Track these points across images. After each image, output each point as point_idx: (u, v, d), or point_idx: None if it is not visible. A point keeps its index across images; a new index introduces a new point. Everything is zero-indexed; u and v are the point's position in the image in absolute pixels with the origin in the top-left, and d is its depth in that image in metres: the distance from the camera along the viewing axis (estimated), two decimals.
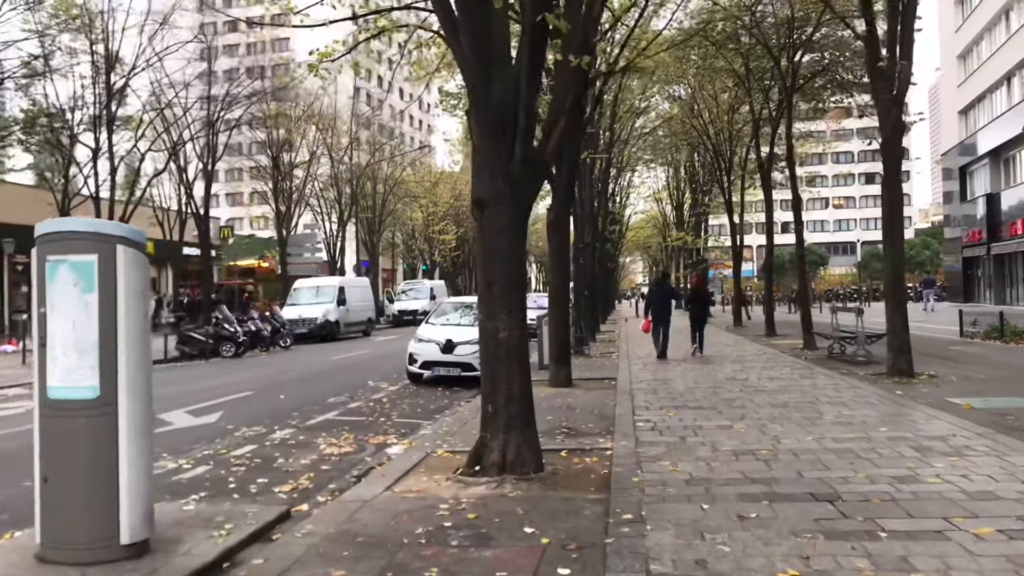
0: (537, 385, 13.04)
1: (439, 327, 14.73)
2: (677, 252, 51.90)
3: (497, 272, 6.50)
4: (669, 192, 47.38)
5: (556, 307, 12.51)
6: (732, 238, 29.86)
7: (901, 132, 11.89)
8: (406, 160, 45.14)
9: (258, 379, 15.49)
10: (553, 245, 12.47)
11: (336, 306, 28.83)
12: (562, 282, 12.53)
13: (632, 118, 31.02)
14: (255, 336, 23.48)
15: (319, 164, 41.52)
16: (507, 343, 6.50)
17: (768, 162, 23.09)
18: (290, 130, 36.27)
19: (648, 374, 13.74)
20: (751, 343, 20.69)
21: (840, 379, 12.01)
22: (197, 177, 27.53)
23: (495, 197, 6.44)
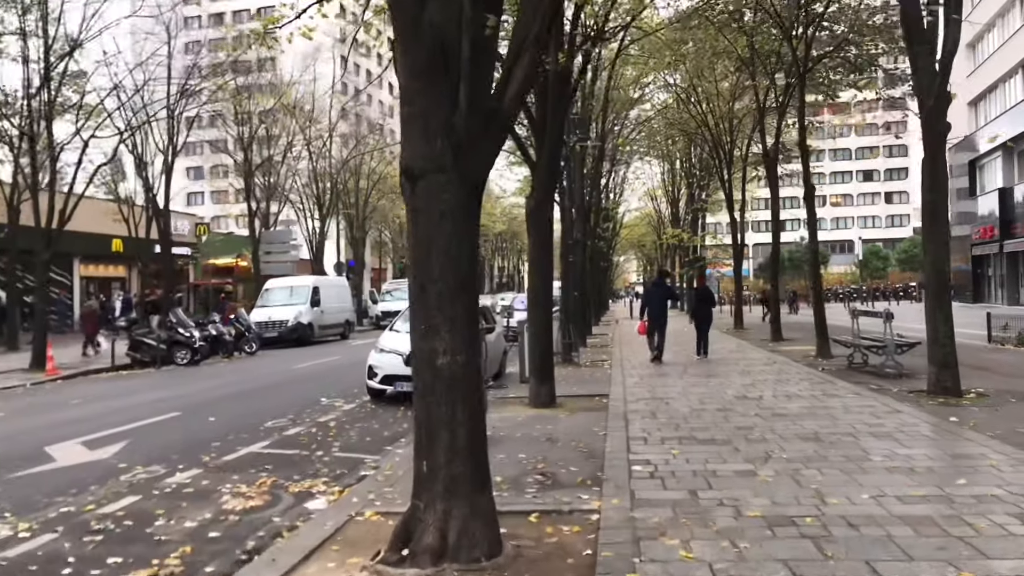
0: (515, 405, 11.30)
1: (404, 335, 12.78)
2: (672, 250, 50.07)
3: (435, 271, 4.58)
4: (664, 188, 45.52)
5: (537, 311, 10.60)
6: (732, 235, 28.02)
7: (946, 103, 10.02)
8: (388, 153, 43.01)
9: (198, 394, 13.55)
10: (534, 238, 10.56)
11: (309, 307, 26.86)
12: (544, 282, 10.62)
13: (626, 108, 29.17)
14: (216, 341, 21.52)
15: (299, 158, 39.54)
16: (449, 372, 4.59)
17: (774, 151, 21.21)
18: (263, 119, 34.21)
19: (645, 389, 11.84)
20: (757, 349, 18.80)
21: (873, 398, 10.11)
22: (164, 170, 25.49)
23: (432, 164, 4.53)
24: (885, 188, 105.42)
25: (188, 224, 41.31)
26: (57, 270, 32.21)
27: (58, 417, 11.15)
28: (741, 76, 23.63)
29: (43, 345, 18.20)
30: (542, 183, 10.37)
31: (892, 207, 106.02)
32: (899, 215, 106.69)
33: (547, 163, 10.21)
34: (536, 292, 10.57)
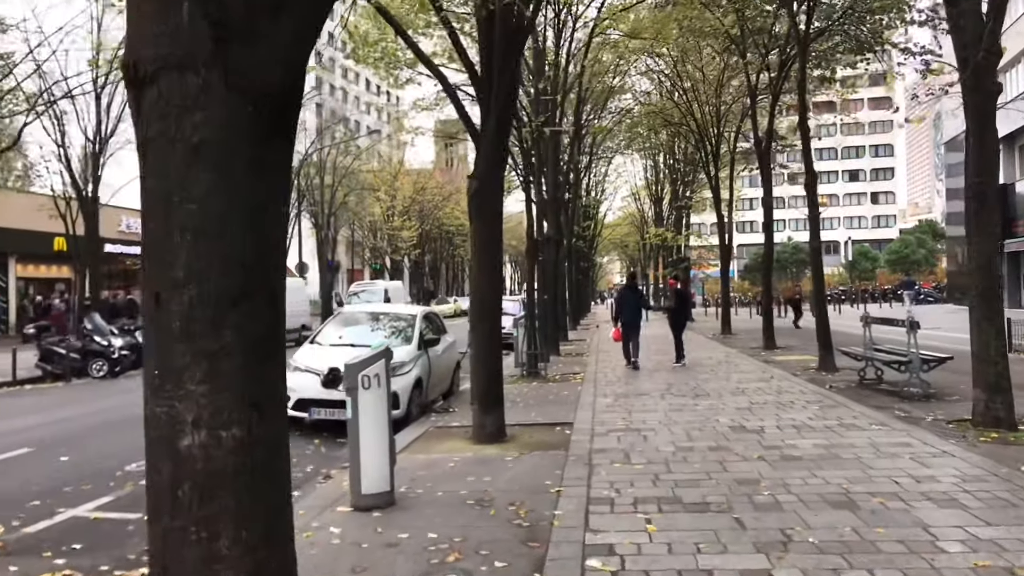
0: (454, 439, 8.49)
1: (326, 349, 10.55)
2: (656, 251, 48.10)
3: (180, 264, 2.35)
4: (647, 185, 43.47)
5: (483, 323, 8.38)
6: (720, 234, 25.94)
7: (997, 57, 7.92)
8: (354, 147, 40.83)
9: (80, 418, 11.24)
10: (478, 228, 8.34)
11: None
12: (491, 285, 8.39)
13: (603, 97, 27.06)
14: (141, 351, 19.12)
15: None
16: (204, 464, 2.35)
17: (767, 139, 19.12)
18: None
19: (619, 415, 9.66)
20: (749, 359, 16.67)
21: (906, 432, 7.97)
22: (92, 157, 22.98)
23: (174, 53, 2.31)
24: (871, 188, 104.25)
25: (128, 219, 38.69)
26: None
27: None
28: (729, 57, 21.57)
29: None
30: (487, 156, 8.15)
31: (878, 207, 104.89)
32: (885, 215, 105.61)
33: (494, 129, 8.01)
34: (481, 297, 8.35)
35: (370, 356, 5.97)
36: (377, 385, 5.94)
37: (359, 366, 5.89)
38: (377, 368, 5.95)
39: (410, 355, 10.35)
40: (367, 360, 5.92)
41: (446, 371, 11.86)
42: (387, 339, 10.78)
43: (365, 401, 5.89)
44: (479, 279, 8.34)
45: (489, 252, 8.36)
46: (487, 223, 8.29)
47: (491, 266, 8.35)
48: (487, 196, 8.22)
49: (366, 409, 5.89)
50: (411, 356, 10.36)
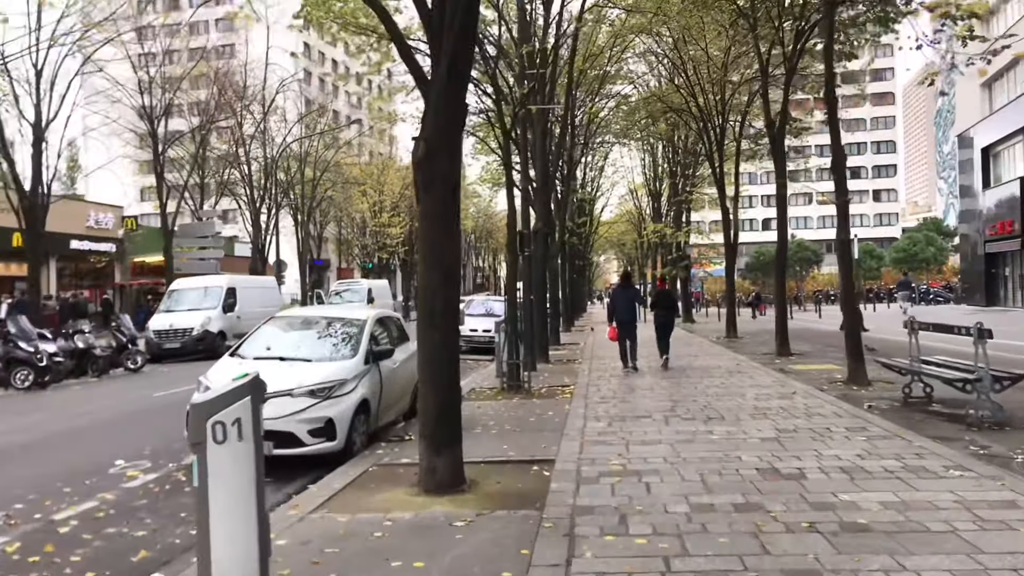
0: (393, 488, 6.17)
1: (248, 363, 8.47)
2: (654, 248, 46.06)
3: None
4: (645, 178, 41.40)
5: (431, 333, 6.31)
6: (724, 229, 23.91)
7: None
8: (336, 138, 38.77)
9: None
10: (425, 205, 6.26)
11: (221, 313, 22.39)
12: (444, 281, 6.30)
13: (597, 81, 25.04)
14: (83, 356, 17.08)
15: (237, 142, 35.08)
16: None
17: (781, 118, 17.08)
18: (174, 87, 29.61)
19: (614, 448, 7.62)
20: (763, 369, 14.62)
21: (1005, 483, 5.89)
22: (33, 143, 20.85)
23: None
24: (873, 186, 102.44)
25: (112, 217, 36.63)
26: None
27: None
28: (737, 32, 19.52)
29: None
30: (439, 109, 6.08)
31: (880, 205, 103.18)
32: (888, 213, 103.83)
33: (446, 74, 5.95)
34: (429, 298, 6.26)
35: (227, 391, 3.91)
36: (237, 436, 3.87)
37: (208, 407, 3.83)
38: (238, 410, 3.88)
39: (353, 370, 8.29)
40: (222, 398, 3.86)
41: (406, 387, 9.77)
42: (327, 349, 8.72)
43: (218, 461, 3.82)
44: (428, 275, 6.26)
45: (441, 238, 6.29)
46: (438, 200, 6.22)
47: (444, 256, 6.27)
48: (439, 163, 6.16)
49: (219, 473, 3.82)
50: (354, 372, 8.29)
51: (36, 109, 19.79)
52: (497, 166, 30.47)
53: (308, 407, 7.68)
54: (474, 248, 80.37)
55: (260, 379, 4.14)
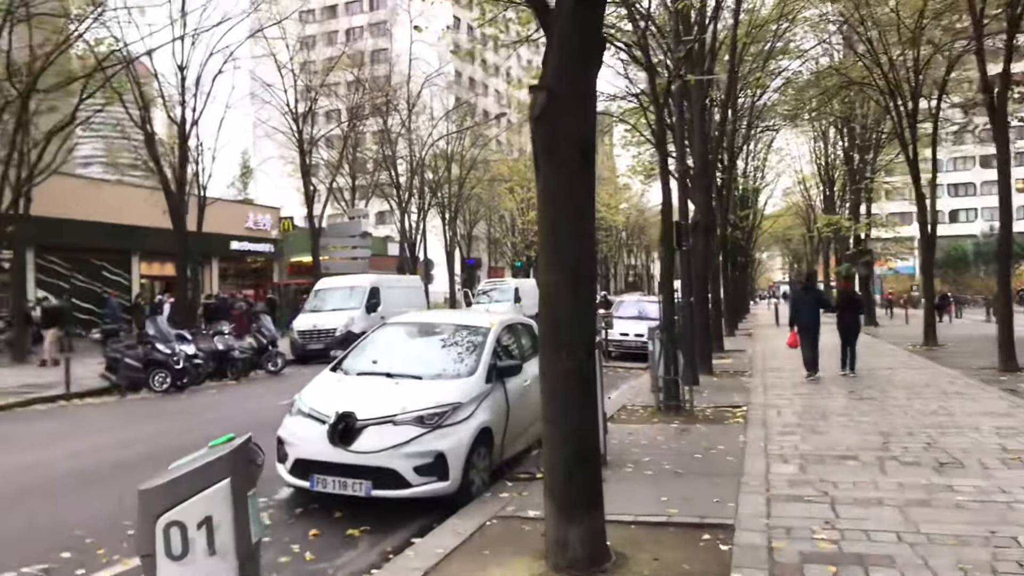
0: (519, 554, 4.14)
1: (347, 381, 7.08)
2: (826, 244, 41.94)
3: None
4: (816, 165, 37.57)
5: (558, 358, 4.54)
6: (920, 217, 20.54)
7: None
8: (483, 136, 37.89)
9: (82, 454, 8.45)
10: (547, 180, 4.52)
11: (364, 313, 21.77)
12: (573, 287, 4.52)
13: (761, 57, 22.37)
14: (223, 358, 16.74)
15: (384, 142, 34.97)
16: None
17: (1003, 83, 13.96)
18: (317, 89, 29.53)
19: (816, 508, 5.58)
20: (988, 389, 11.70)
21: None
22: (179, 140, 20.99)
23: None
24: None
25: (270, 218, 37.65)
26: (112, 268, 29.04)
27: None
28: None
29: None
30: (564, 49, 4.35)
31: None
32: None
33: (573, 10, 4.20)
34: (554, 309, 4.51)
35: (192, 470, 2.34)
36: (207, 548, 2.29)
37: (158, 497, 2.27)
38: (209, 503, 2.30)
39: (471, 392, 6.69)
40: (182, 482, 2.30)
41: (539, 410, 8.07)
42: (440, 365, 7.16)
43: None
44: (550, 275, 4.52)
45: (569, 224, 4.52)
46: (564, 170, 4.47)
47: (572, 250, 4.50)
48: (565, 119, 4.41)
49: None
50: (473, 393, 6.69)
51: (181, 110, 19.94)
52: (650, 155, 28.27)
53: (414, 438, 6.16)
54: (625, 245, 77.85)
55: (250, 447, 2.54)
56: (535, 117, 4.53)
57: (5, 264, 22.82)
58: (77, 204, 25.56)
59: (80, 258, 27.36)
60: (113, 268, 29.04)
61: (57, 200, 23.63)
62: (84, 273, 27.74)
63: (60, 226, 24.86)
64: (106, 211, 26.91)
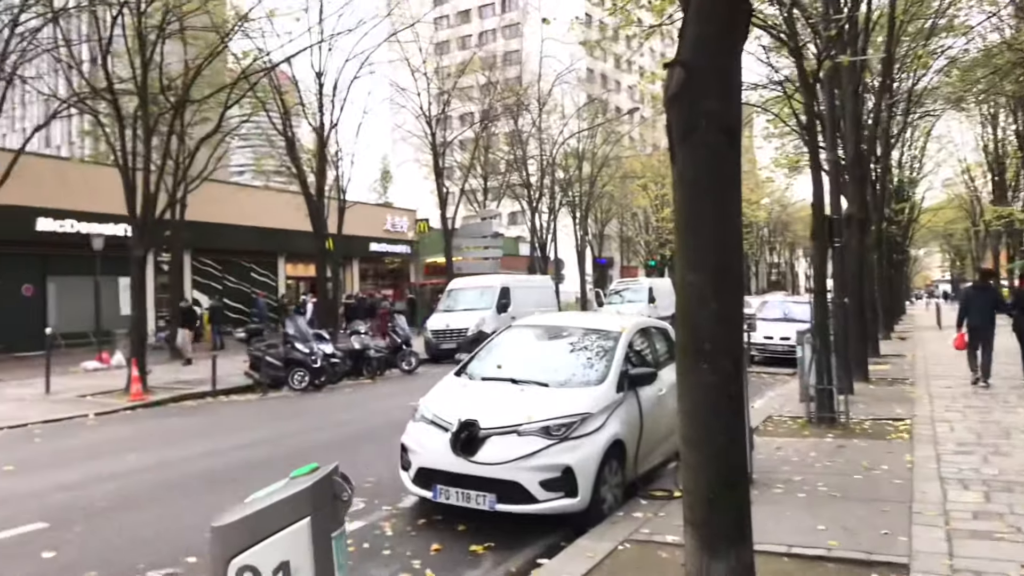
0: None
1: (471, 386, 6.77)
2: (995, 238, 38.23)
3: None
4: (983, 151, 34.24)
5: (698, 368, 3.98)
6: None
7: None
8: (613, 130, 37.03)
9: (219, 453, 8.67)
10: (685, 169, 3.96)
11: (495, 313, 21.72)
12: (715, 291, 3.95)
13: (921, 32, 20.45)
14: (359, 357, 17.07)
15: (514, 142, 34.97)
16: None
17: None
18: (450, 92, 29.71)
19: (1008, 550, 4.70)
20: None
21: None
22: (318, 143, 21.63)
23: None
24: None
25: (407, 220, 38.58)
26: (260, 269, 30.57)
27: None
28: None
29: (142, 362, 14.76)
30: (705, 16, 3.80)
31: None
32: None
33: None
34: (692, 311, 3.96)
35: (268, 507, 2.01)
36: None
37: (228, 538, 1.95)
38: (286, 545, 1.96)
39: (601, 401, 6.21)
40: (255, 520, 1.97)
41: (673, 422, 7.48)
42: (568, 371, 6.72)
43: None
44: (688, 276, 3.96)
45: (710, 216, 3.95)
46: (703, 154, 3.91)
47: (715, 246, 3.93)
48: (706, 96, 3.85)
49: None
50: (603, 403, 6.21)
51: (319, 116, 20.55)
52: (794, 147, 26.65)
53: (540, 450, 5.76)
54: (767, 243, 74.55)
55: (335, 480, 2.19)
56: (670, 96, 3.99)
57: (164, 267, 24.46)
58: (228, 209, 27.07)
59: (231, 260, 28.96)
60: (261, 269, 30.58)
61: (209, 206, 25.11)
62: (234, 274, 29.34)
63: (213, 230, 26.38)
64: (254, 215, 28.36)
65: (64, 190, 21.02)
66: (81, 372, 18.37)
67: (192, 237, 24.27)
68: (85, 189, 20.99)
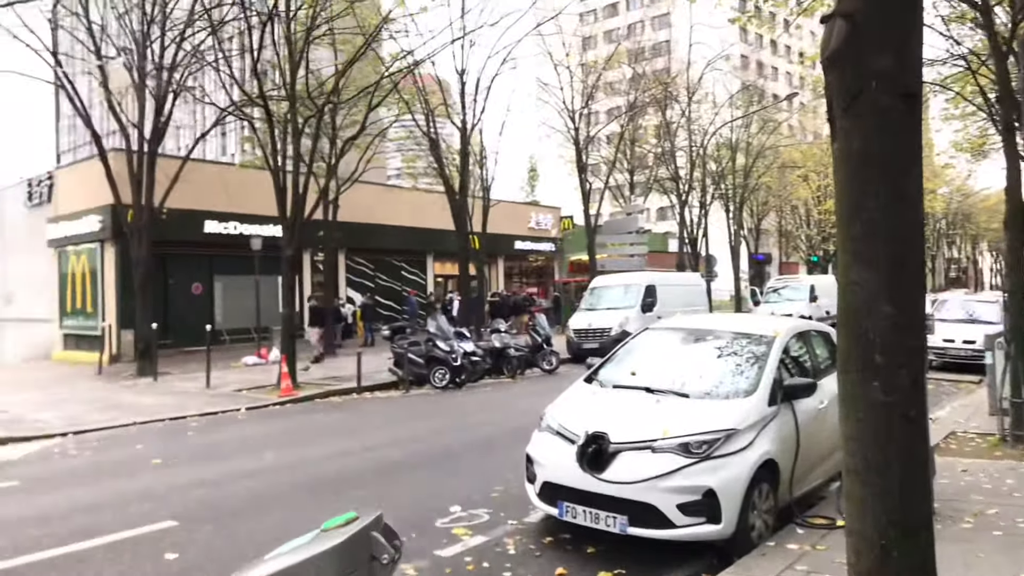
0: None
1: (602, 394, 6.19)
2: None
3: None
4: None
5: (859, 383, 3.23)
6: None
7: None
8: (769, 119, 34.86)
9: (352, 454, 8.61)
10: (850, 145, 3.23)
11: (640, 313, 20.92)
12: (889, 292, 3.18)
13: None
14: (499, 356, 16.90)
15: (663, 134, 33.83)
16: None
17: None
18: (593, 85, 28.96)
19: None
20: None
21: None
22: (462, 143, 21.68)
23: None
24: None
25: (551, 218, 38.33)
26: (409, 268, 31.27)
27: (90, 496, 7.14)
28: None
29: (292, 358, 15.29)
30: None
31: None
32: None
33: None
34: (859, 316, 3.21)
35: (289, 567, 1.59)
36: None
37: None
38: None
39: (750, 415, 5.46)
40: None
41: (835, 438, 6.57)
42: (712, 380, 6.00)
43: None
44: (855, 273, 3.22)
45: (883, 198, 3.19)
46: (873, 123, 3.16)
47: (890, 236, 3.17)
48: (876, 54, 3.11)
49: None
50: (753, 417, 5.46)
51: (462, 114, 20.56)
52: (979, 128, 23.95)
53: (678, 469, 5.12)
54: (945, 236, 68.40)
55: (372, 536, 1.75)
56: (830, 54, 3.26)
57: (321, 266, 25.47)
58: (378, 210, 27.86)
59: (382, 259, 29.78)
60: (410, 268, 31.28)
61: (361, 207, 25.91)
62: (386, 273, 30.17)
63: (365, 230, 27.22)
64: (403, 215, 29.03)
65: (228, 194, 22.30)
66: (242, 367, 19.38)
67: (345, 237, 25.12)
68: (246, 192, 22.17)
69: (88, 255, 22.84)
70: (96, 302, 22.51)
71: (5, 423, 11.24)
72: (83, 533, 5.85)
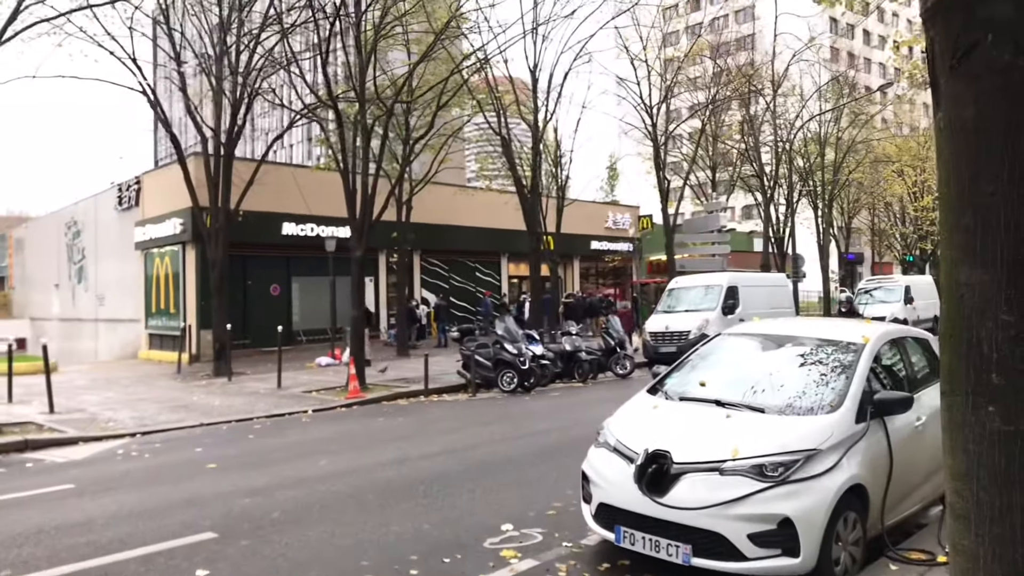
0: None
1: (667, 408, 5.60)
2: None
3: None
4: None
5: (969, 405, 2.61)
6: None
7: None
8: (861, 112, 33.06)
9: (373, 469, 8.25)
10: (959, 113, 2.61)
11: (720, 315, 20.01)
12: (1007, 293, 2.56)
13: None
14: (570, 359, 16.39)
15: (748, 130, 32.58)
16: None
17: None
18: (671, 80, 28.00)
19: None
20: None
21: None
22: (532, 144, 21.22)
23: None
24: None
25: (629, 217, 37.51)
26: (484, 269, 31.06)
27: (138, 501, 7.04)
28: None
29: (360, 361, 15.18)
30: None
31: None
32: None
33: None
34: (969, 321, 2.60)
35: None
36: None
37: None
38: None
39: (833, 433, 4.79)
40: None
41: (939, 458, 5.80)
42: (791, 393, 5.33)
43: None
44: (965, 274, 2.61)
45: (999, 180, 2.56)
46: (990, 83, 2.53)
47: (1009, 227, 2.54)
48: (990, 3, 2.48)
49: None
50: (837, 436, 4.79)
51: (534, 111, 20.13)
52: None
53: (750, 494, 4.52)
54: None
55: None
56: (932, 3, 2.66)
57: (395, 267, 25.51)
58: (452, 211, 27.74)
59: (456, 260, 29.67)
60: (484, 269, 31.07)
61: (435, 208, 25.82)
62: (460, 274, 30.04)
63: (439, 231, 27.15)
64: (477, 216, 28.83)
65: (304, 196, 22.52)
66: (316, 367, 19.48)
67: (419, 238, 25.08)
68: (323, 194, 22.34)
69: (171, 257, 23.49)
70: (177, 303, 23.11)
71: (80, 422, 11.42)
72: (120, 543, 5.66)
